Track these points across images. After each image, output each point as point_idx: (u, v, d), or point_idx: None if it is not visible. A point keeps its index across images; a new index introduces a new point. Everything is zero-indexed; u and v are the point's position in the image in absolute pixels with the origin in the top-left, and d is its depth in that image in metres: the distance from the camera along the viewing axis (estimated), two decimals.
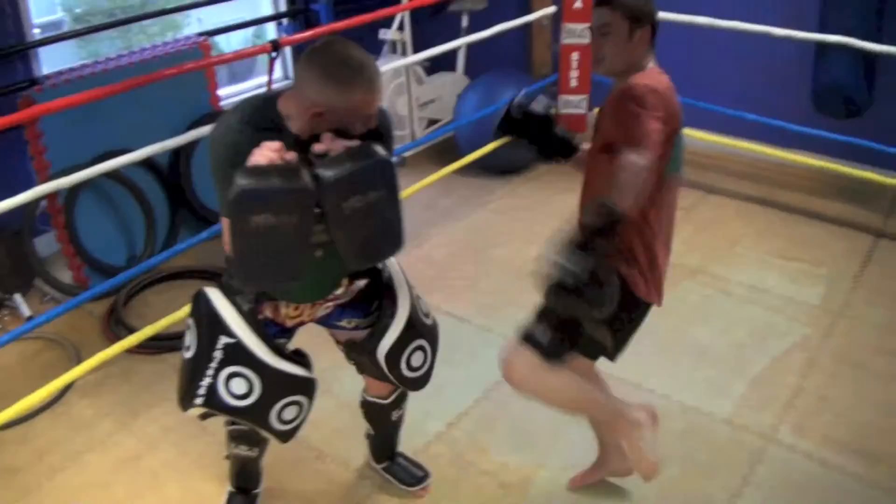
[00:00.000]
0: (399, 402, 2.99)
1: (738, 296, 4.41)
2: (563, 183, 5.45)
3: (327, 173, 2.06)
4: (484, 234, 5.15)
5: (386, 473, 3.20)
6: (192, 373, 2.46)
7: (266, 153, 2.03)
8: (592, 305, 2.16)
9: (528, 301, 2.57)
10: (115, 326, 4.13)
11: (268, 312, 2.55)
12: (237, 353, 2.42)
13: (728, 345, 4.00)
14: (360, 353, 2.72)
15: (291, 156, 2.06)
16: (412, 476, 3.18)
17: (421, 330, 2.70)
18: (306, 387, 2.56)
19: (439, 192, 5.45)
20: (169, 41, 4.85)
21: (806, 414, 3.56)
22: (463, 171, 5.22)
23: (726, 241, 4.95)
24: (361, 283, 2.63)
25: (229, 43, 6.05)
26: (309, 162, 2.14)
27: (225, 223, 2.24)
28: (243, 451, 2.86)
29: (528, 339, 2.57)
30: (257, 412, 2.48)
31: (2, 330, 4.19)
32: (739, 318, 4.21)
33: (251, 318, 2.45)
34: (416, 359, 2.70)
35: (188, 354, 2.50)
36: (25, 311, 4.24)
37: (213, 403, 2.46)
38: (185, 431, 3.45)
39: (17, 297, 4.31)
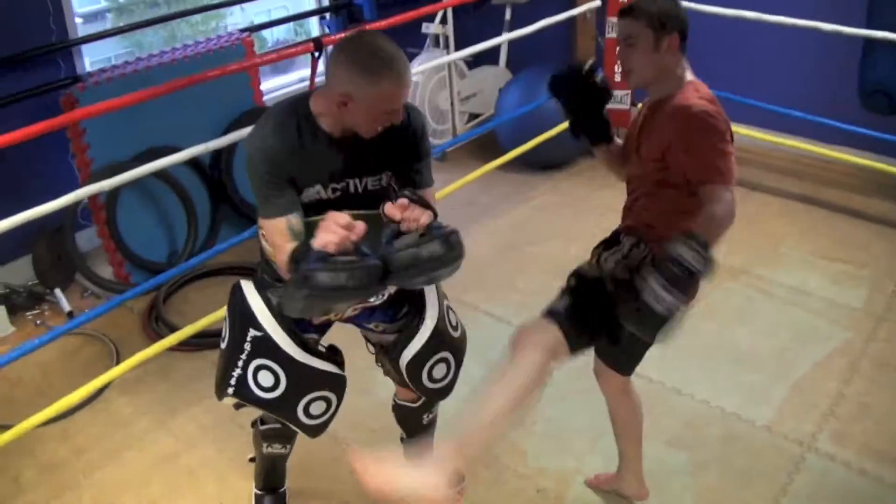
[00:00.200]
0: (429, 405, 2.98)
1: (781, 298, 4.36)
2: (604, 179, 5.41)
3: (399, 260, 2.08)
4: (525, 231, 5.13)
5: None
6: (226, 363, 2.52)
7: (336, 231, 2.03)
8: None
9: None
10: (155, 324, 4.16)
11: None
12: (264, 346, 2.46)
13: (770, 349, 3.95)
14: (385, 358, 2.74)
15: (360, 231, 2.05)
16: None
17: (446, 342, 2.69)
18: (334, 382, 2.57)
19: (480, 188, 5.42)
20: (212, 38, 4.87)
21: (846, 422, 3.51)
22: (504, 166, 5.18)
23: (770, 240, 4.89)
24: (392, 288, 2.62)
25: (272, 32, 6.09)
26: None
27: (266, 225, 2.32)
28: (277, 449, 2.87)
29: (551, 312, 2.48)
30: (284, 405, 2.52)
31: (42, 325, 4.25)
32: (782, 321, 4.16)
33: (280, 313, 2.48)
34: (439, 371, 2.69)
35: (223, 345, 2.56)
36: (66, 306, 4.28)
37: (243, 394, 2.51)
38: (222, 430, 3.47)
39: (58, 292, 4.36)
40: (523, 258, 4.82)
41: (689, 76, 2.42)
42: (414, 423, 3.05)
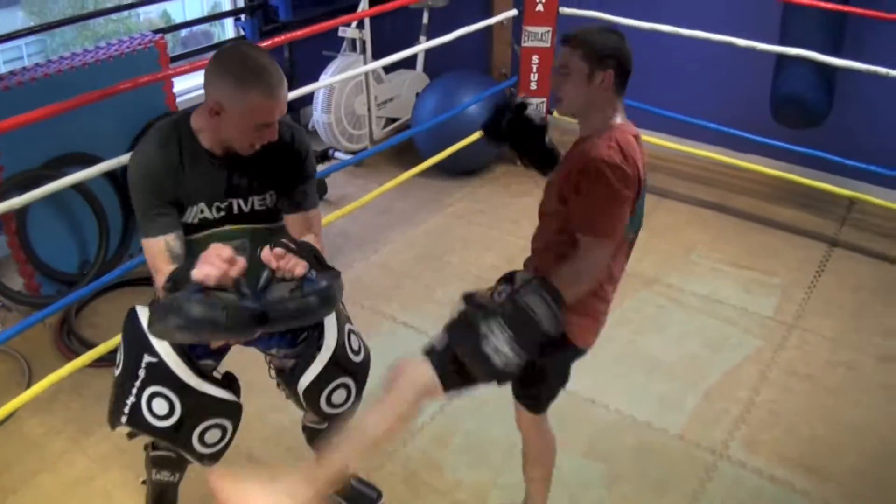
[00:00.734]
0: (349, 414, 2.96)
1: (693, 306, 4.44)
2: (520, 185, 5.50)
3: (270, 308, 2.03)
4: (442, 239, 5.14)
5: (337, 496, 3.17)
6: (119, 390, 2.47)
7: (217, 265, 1.99)
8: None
9: None
10: (68, 338, 4.08)
11: None
12: (159, 373, 2.41)
13: (681, 357, 4.02)
14: (284, 383, 2.71)
15: (240, 267, 2.03)
16: (364, 498, 3.16)
17: (346, 367, 2.65)
18: (229, 410, 2.54)
19: (396, 195, 5.39)
20: (124, 39, 4.78)
21: (757, 429, 3.60)
22: (420, 171, 5.17)
23: (681, 248, 4.97)
24: None
25: (184, 17, 6.06)
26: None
27: (146, 245, 2.31)
28: (165, 476, 2.84)
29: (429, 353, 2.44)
30: (179, 434, 2.47)
31: None
32: (693, 329, 4.24)
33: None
34: (338, 396, 2.66)
35: (117, 372, 2.51)
36: None
37: (137, 423, 2.46)
38: (138, 450, 3.36)
39: None
40: (441, 267, 4.83)
41: (619, 119, 2.36)
42: (322, 445, 3.04)
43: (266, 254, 2.09)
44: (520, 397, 2.78)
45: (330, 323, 2.61)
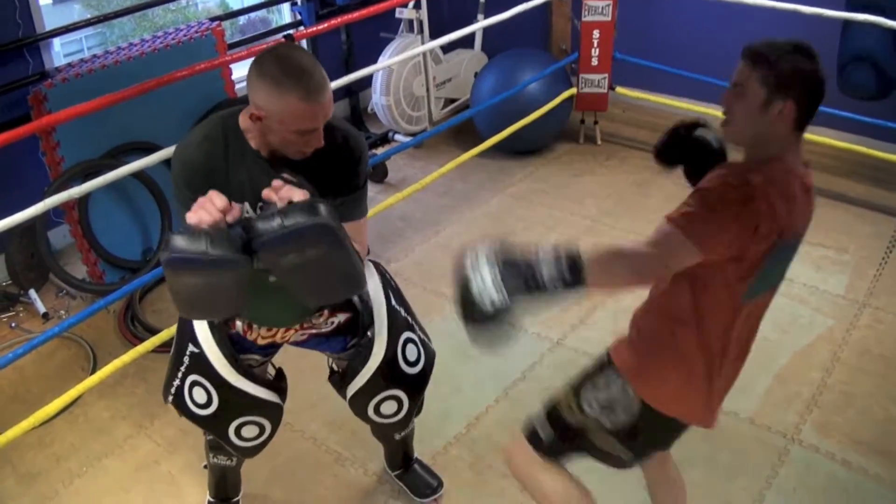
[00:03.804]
0: (402, 424, 2.92)
1: None
2: (582, 164, 5.40)
3: (259, 229, 1.91)
4: (503, 220, 5.09)
5: (399, 481, 3.17)
6: (170, 371, 2.55)
7: (209, 210, 1.90)
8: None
9: None
10: (132, 324, 4.11)
11: (241, 327, 2.50)
12: (200, 364, 2.46)
13: None
14: (334, 387, 2.72)
15: (234, 214, 1.93)
16: (426, 485, 3.13)
17: (397, 379, 2.61)
18: (267, 409, 2.55)
19: (456, 176, 5.37)
20: (181, 27, 4.78)
21: (829, 412, 3.51)
22: (479, 152, 5.12)
23: None
24: (342, 317, 2.57)
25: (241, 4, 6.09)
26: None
27: None
28: (222, 460, 2.87)
29: (531, 434, 2.37)
30: (215, 424, 2.53)
31: (17, 327, 4.20)
32: None
33: (219, 332, 2.46)
34: (387, 407, 2.65)
35: (171, 351, 2.57)
36: (41, 307, 4.21)
37: (179, 406, 2.55)
38: (201, 434, 3.43)
39: (32, 293, 4.30)
40: None
41: (789, 157, 2.06)
42: (387, 438, 3.04)
43: (266, 192, 1.98)
44: None
45: (381, 332, 2.57)
